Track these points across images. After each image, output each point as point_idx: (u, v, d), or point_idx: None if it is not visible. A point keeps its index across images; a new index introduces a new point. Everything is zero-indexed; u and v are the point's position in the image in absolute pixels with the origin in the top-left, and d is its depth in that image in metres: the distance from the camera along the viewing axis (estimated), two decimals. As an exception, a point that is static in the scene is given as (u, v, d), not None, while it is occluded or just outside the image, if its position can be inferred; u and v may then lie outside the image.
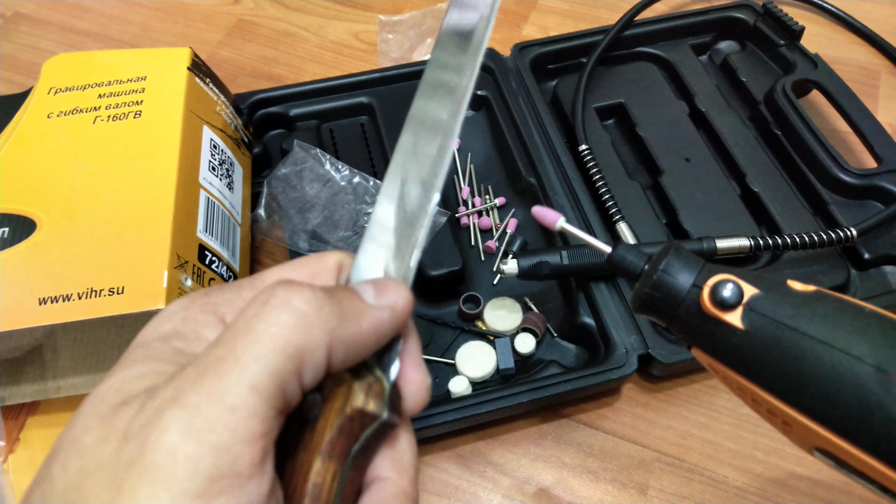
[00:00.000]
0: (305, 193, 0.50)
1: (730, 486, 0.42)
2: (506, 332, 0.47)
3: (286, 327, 0.18)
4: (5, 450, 0.43)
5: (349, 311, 0.20)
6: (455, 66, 0.27)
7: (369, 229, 0.24)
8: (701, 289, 0.24)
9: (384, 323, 0.21)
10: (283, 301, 0.18)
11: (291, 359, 0.18)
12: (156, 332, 0.20)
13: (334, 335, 0.19)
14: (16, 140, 0.43)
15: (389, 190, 0.24)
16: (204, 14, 0.71)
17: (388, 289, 0.21)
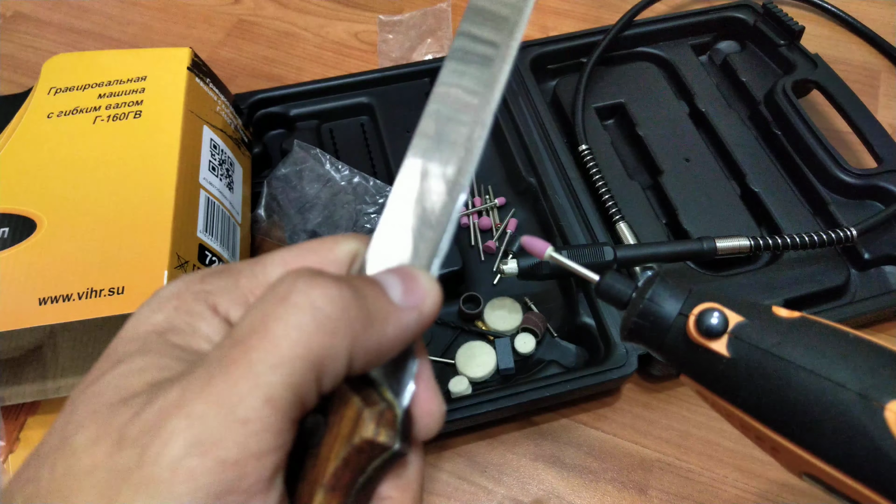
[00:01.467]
0: (305, 193, 0.50)
1: (730, 486, 0.42)
2: (506, 332, 0.47)
3: (307, 332, 0.16)
4: (5, 450, 0.42)
5: (375, 314, 0.17)
6: (489, 38, 0.23)
7: (383, 223, 0.21)
8: (687, 317, 0.25)
9: (410, 328, 0.18)
10: (304, 299, 0.16)
11: (312, 368, 0.16)
12: (148, 322, 0.18)
13: (357, 342, 0.17)
14: (16, 140, 0.43)
15: (405, 185, 0.21)
16: (204, 14, 0.71)
17: (418, 285, 0.19)
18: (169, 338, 0.18)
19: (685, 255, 0.45)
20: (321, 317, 0.16)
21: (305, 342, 0.16)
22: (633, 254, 0.45)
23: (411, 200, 0.21)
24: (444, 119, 0.23)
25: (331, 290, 0.17)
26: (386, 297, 0.18)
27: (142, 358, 0.17)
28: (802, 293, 0.46)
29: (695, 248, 0.44)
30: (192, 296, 0.18)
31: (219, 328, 0.18)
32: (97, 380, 0.17)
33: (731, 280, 0.47)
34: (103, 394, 0.16)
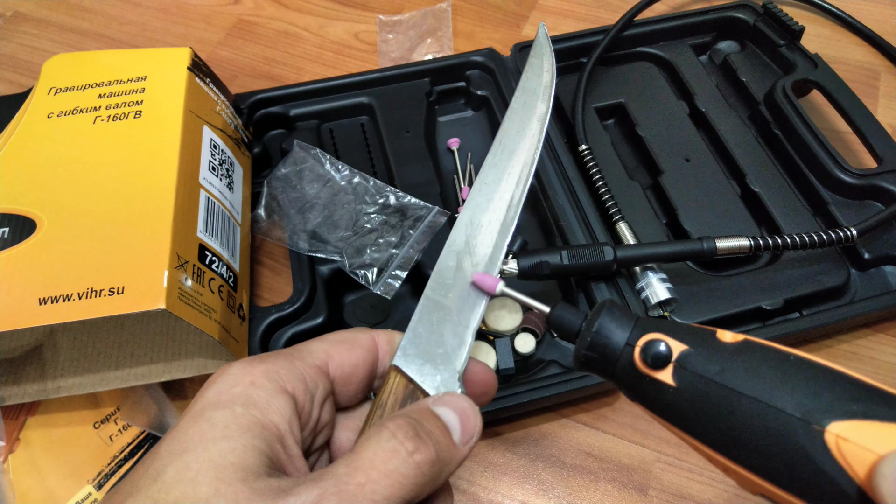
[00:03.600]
0: (305, 193, 0.50)
1: (730, 485, 0.42)
2: (506, 332, 0.47)
3: (409, 480, 0.22)
4: (5, 450, 0.43)
5: (446, 461, 0.24)
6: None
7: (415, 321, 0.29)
8: (633, 348, 0.25)
9: (463, 459, 0.25)
10: (411, 460, 0.23)
11: (405, 502, 0.22)
12: (230, 392, 0.23)
13: (433, 485, 0.24)
14: (16, 140, 0.43)
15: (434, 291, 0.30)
16: (204, 14, 0.71)
17: (471, 422, 0.25)
18: (253, 413, 0.23)
19: (685, 255, 0.45)
20: (419, 473, 0.23)
21: (406, 486, 0.22)
22: (633, 254, 0.45)
23: (440, 308, 0.29)
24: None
25: (428, 454, 0.23)
26: (452, 442, 0.25)
27: (241, 438, 0.22)
28: (802, 293, 0.46)
29: (695, 248, 0.44)
30: (261, 373, 0.24)
31: (287, 403, 0.24)
32: (204, 447, 0.22)
33: (731, 280, 0.47)
34: (223, 467, 0.21)
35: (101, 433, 0.44)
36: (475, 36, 0.68)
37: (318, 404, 0.26)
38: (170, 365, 0.42)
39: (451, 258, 0.31)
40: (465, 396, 0.27)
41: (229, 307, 0.42)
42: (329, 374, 0.26)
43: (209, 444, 0.22)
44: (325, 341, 0.27)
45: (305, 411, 0.25)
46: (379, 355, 0.28)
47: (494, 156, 0.34)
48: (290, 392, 0.24)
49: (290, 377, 0.24)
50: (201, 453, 0.22)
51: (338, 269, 0.48)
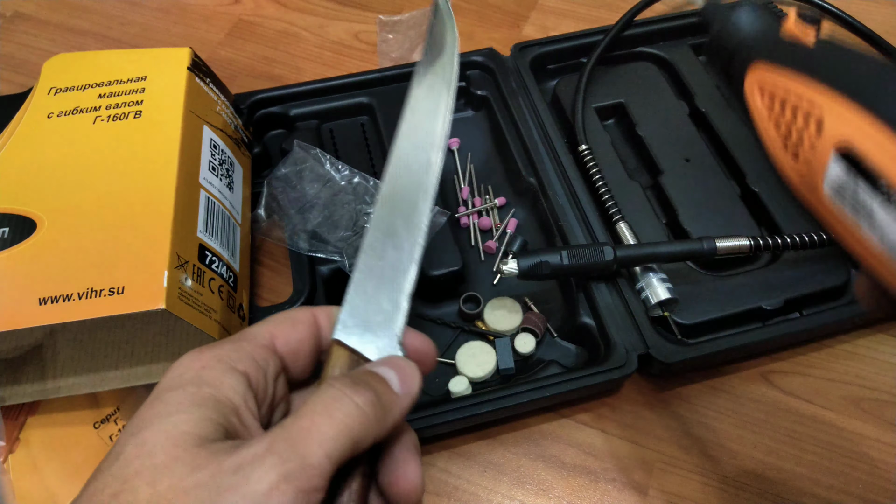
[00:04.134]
0: (305, 193, 0.50)
1: (730, 485, 0.42)
2: (506, 332, 0.47)
3: (354, 420, 0.24)
4: (5, 450, 0.42)
5: (388, 406, 0.26)
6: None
7: (350, 292, 0.30)
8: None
9: (406, 409, 0.27)
10: (351, 401, 0.24)
11: (352, 443, 0.24)
12: (182, 379, 0.25)
13: (378, 426, 0.25)
14: (16, 140, 0.43)
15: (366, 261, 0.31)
16: (204, 14, 0.71)
17: (409, 376, 0.27)
18: (205, 390, 0.24)
19: (685, 255, 0.45)
20: (361, 414, 0.24)
21: (351, 426, 0.24)
22: (633, 254, 0.45)
23: (373, 277, 0.30)
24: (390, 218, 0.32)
25: (367, 396, 0.25)
26: (391, 390, 0.26)
27: (195, 410, 0.23)
28: (802, 293, 0.46)
29: (695, 248, 0.44)
30: (210, 358, 0.25)
31: (240, 381, 0.25)
32: (160, 422, 0.23)
33: (731, 280, 0.47)
34: (179, 437, 0.22)
35: (101, 433, 0.44)
36: (475, 36, 0.68)
37: (272, 380, 0.27)
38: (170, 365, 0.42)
39: (379, 228, 0.32)
40: (404, 357, 0.29)
41: (229, 307, 0.42)
42: (277, 352, 0.28)
43: (164, 419, 0.23)
44: (267, 323, 0.28)
45: (260, 387, 0.26)
46: (321, 329, 0.29)
47: (407, 124, 0.35)
48: (242, 371, 0.25)
49: (239, 357, 0.26)
50: (156, 428, 0.23)
51: (338, 269, 0.48)
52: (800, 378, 0.46)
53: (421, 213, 0.32)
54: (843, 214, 0.23)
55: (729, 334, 0.44)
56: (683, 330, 0.45)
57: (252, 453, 0.22)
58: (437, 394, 0.45)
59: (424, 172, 0.33)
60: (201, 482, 0.21)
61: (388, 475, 0.27)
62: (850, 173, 0.22)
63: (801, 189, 0.26)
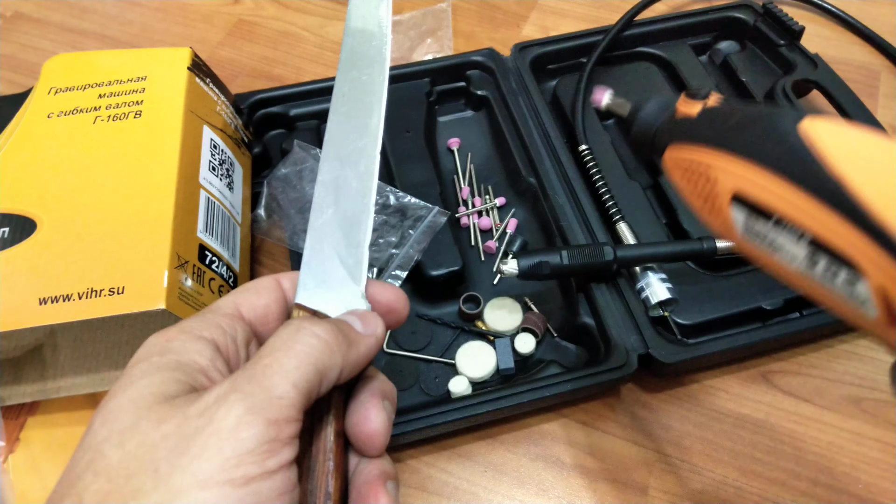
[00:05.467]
0: (305, 193, 0.50)
1: (730, 486, 0.42)
2: (506, 332, 0.47)
3: (315, 349, 0.24)
4: (5, 450, 0.43)
5: (352, 340, 0.26)
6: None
7: (305, 257, 0.29)
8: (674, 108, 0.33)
9: (372, 347, 0.27)
10: (310, 332, 0.24)
11: (317, 372, 0.24)
12: (148, 352, 0.25)
13: (343, 357, 0.25)
14: (16, 140, 0.43)
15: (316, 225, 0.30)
16: (204, 14, 0.71)
17: (371, 321, 0.28)
18: (170, 356, 0.24)
19: (685, 255, 0.45)
20: (322, 341, 0.24)
21: (315, 355, 0.24)
22: (633, 254, 0.45)
23: (328, 234, 0.30)
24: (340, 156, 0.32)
25: (326, 326, 0.25)
26: (354, 329, 0.27)
27: (158, 374, 0.23)
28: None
29: (695, 248, 0.44)
30: (175, 332, 0.25)
31: (207, 346, 0.25)
32: (124, 391, 0.23)
33: (731, 280, 0.47)
34: (142, 398, 0.22)
35: (101, 433, 0.44)
36: (475, 36, 0.68)
37: (243, 346, 0.27)
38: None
39: (327, 184, 0.31)
40: (366, 309, 0.28)
41: (229, 307, 0.42)
42: (244, 319, 0.28)
43: (127, 388, 0.23)
44: (231, 294, 0.28)
45: (231, 352, 0.26)
46: (286, 293, 0.29)
47: (343, 79, 0.33)
48: (208, 338, 0.25)
49: (204, 326, 0.26)
50: (121, 396, 0.23)
51: (338, 269, 0.48)
52: (800, 378, 0.46)
53: (371, 159, 0.31)
54: (758, 248, 0.27)
55: (729, 334, 0.44)
56: (683, 330, 0.45)
57: (215, 395, 0.22)
58: (437, 394, 0.45)
59: (368, 118, 0.31)
60: (168, 433, 0.21)
61: (351, 416, 0.27)
62: (747, 214, 0.26)
63: (727, 238, 0.29)
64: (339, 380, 0.25)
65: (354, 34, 0.34)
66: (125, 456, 0.21)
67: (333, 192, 0.30)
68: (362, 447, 0.27)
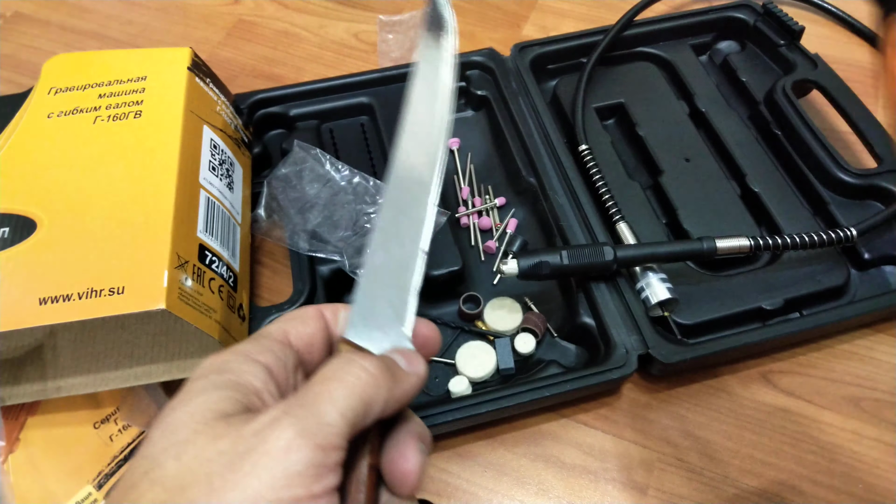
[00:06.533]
0: (305, 193, 0.50)
1: (730, 486, 0.42)
2: (506, 332, 0.47)
3: (363, 381, 0.25)
4: (5, 450, 0.42)
5: (397, 377, 0.27)
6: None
7: (358, 293, 0.30)
8: None
9: (415, 385, 0.28)
10: (359, 365, 0.26)
11: (364, 404, 0.25)
12: (206, 371, 0.26)
13: (388, 393, 0.26)
14: (16, 140, 0.43)
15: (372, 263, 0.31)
16: (204, 14, 0.71)
17: (415, 360, 0.28)
18: (227, 376, 0.25)
19: (685, 255, 0.45)
20: (370, 376, 0.26)
21: (363, 387, 0.25)
22: (633, 254, 0.45)
23: (379, 276, 0.31)
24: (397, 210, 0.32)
25: (374, 361, 0.26)
26: (399, 367, 0.28)
27: (216, 391, 0.25)
28: (802, 293, 0.46)
29: (695, 248, 0.44)
30: (229, 354, 0.26)
31: (261, 369, 0.26)
32: (184, 405, 0.24)
33: (731, 280, 0.47)
34: (200, 413, 0.24)
35: (101, 433, 0.44)
36: (475, 36, 0.68)
37: (292, 371, 0.28)
38: (170, 365, 0.42)
39: (384, 228, 0.32)
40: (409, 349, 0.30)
41: (229, 307, 0.42)
42: (293, 346, 0.29)
43: (187, 403, 0.24)
44: (278, 321, 0.29)
45: (281, 377, 0.27)
46: (328, 324, 0.30)
47: (407, 121, 0.34)
48: (262, 362, 0.26)
49: (259, 350, 0.27)
50: (180, 411, 0.24)
51: (338, 269, 0.48)
52: (800, 378, 0.46)
53: (424, 210, 0.32)
54: None
55: (729, 334, 0.44)
56: (683, 330, 0.45)
57: (269, 417, 0.23)
58: (437, 394, 0.45)
59: (426, 168, 0.33)
60: (223, 449, 0.22)
61: (388, 453, 0.27)
62: None
63: None
64: (382, 414, 0.26)
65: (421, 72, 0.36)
66: (181, 468, 0.22)
67: (388, 236, 0.31)
68: (396, 485, 0.27)
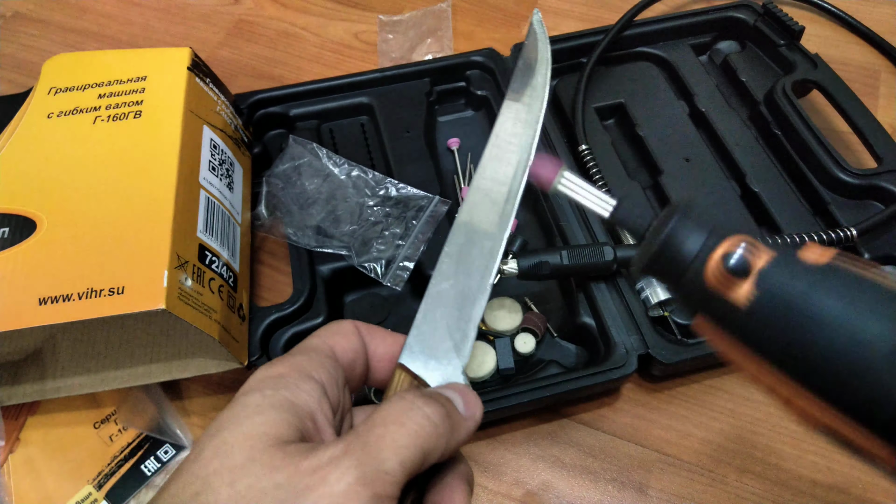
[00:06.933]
0: (305, 189, 0.50)
1: (730, 485, 0.42)
2: (506, 332, 0.47)
3: (425, 430, 0.24)
4: (5, 450, 0.43)
5: (455, 424, 0.26)
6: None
7: (421, 317, 0.30)
8: (709, 255, 0.23)
9: (470, 431, 0.27)
10: (423, 412, 0.25)
11: (423, 454, 0.24)
12: (261, 384, 0.25)
13: (446, 441, 0.25)
14: (16, 140, 0.43)
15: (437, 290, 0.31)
16: (204, 14, 0.71)
17: (472, 402, 0.28)
18: (283, 394, 0.25)
19: (685, 255, 0.45)
20: (432, 425, 0.25)
21: (424, 437, 0.24)
22: (633, 254, 0.45)
23: (443, 304, 0.30)
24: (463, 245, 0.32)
25: (437, 408, 0.25)
26: (457, 411, 0.27)
27: (272, 412, 0.24)
28: (802, 293, 0.46)
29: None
30: (288, 366, 0.26)
31: (316, 387, 0.26)
32: (238, 424, 0.23)
33: (731, 280, 0.47)
34: (256, 437, 0.23)
35: (101, 433, 0.44)
36: (475, 36, 0.68)
37: (342, 389, 0.28)
38: (170, 365, 0.42)
39: (452, 255, 0.31)
40: (467, 385, 0.29)
41: (229, 307, 0.42)
42: (339, 362, 0.28)
43: (242, 420, 0.23)
44: (321, 336, 0.29)
45: (334, 396, 0.27)
46: (364, 341, 0.30)
47: (492, 149, 0.34)
48: (317, 379, 0.26)
49: (314, 366, 0.26)
50: (235, 429, 0.23)
51: (338, 269, 0.48)
52: (800, 378, 0.46)
53: (497, 243, 0.32)
54: None
55: (729, 334, 0.44)
56: (683, 330, 0.45)
57: (329, 455, 0.23)
58: (437, 394, 0.45)
59: (504, 202, 0.33)
60: (279, 483, 0.22)
61: (436, 494, 0.27)
62: (834, 439, 0.22)
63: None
64: (437, 461, 0.26)
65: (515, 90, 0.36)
66: (234, 495, 0.22)
67: (456, 264, 0.31)
68: None
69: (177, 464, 0.43)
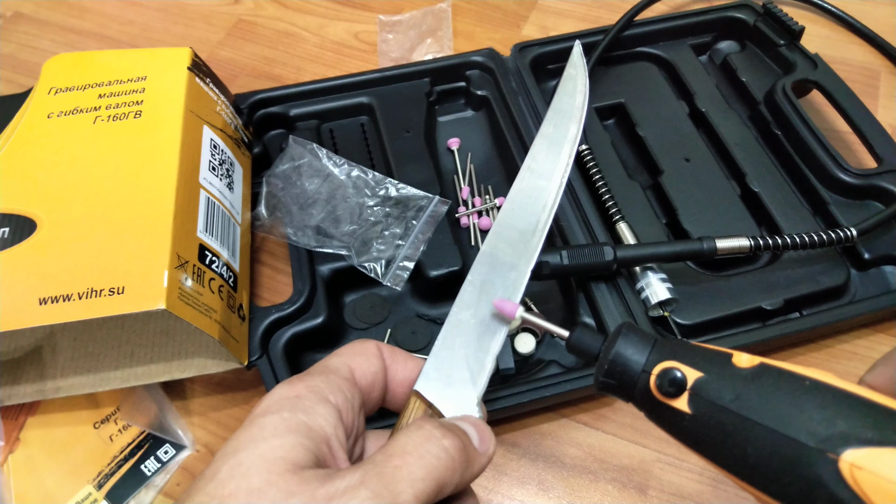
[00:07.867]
0: (305, 189, 0.50)
1: (730, 485, 0.42)
2: (506, 332, 0.47)
3: (442, 463, 0.25)
4: (5, 450, 0.43)
5: (470, 458, 0.26)
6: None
7: (440, 345, 0.30)
8: (650, 375, 0.26)
9: (484, 466, 0.27)
10: (440, 445, 0.25)
11: (438, 487, 0.24)
12: (277, 405, 0.25)
13: (460, 478, 0.26)
14: (16, 140, 0.43)
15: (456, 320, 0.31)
16: (204, 14, 0.71)
17: (487, 438, 0.28)
18: (299, 417, 0.25)
19: (685, 255, 0.45)
20: (449, 458, 0.25)
21: (441, 470, 0.25)
22: (633, 254, 0.45)
23: (462, 333, 0.30)
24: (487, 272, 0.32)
25: (454, 441, 0.25)
26: (472, 445, 0.27)
27: (289, 436, 0.24)
28: (802, 293, 0.46)
29: (695, 248, 0.44)
30: (305, 388, 0.26)
31: (332, 412, 0.26)
32: (255, 445, 0.24)
33: (731, 280, 0.47)
34: (273, 461, 0.23)
35: (101, 433, 0.44)
36: (475, 36, 0.68)
37: (358, 413, 0.28)
38: (170, 365, 0.42)
39: (475, 284, 0.31)
40: (481, 419, 0.29)
41: (229, 307, 0.42)
42: (357, 384, 0.28)
43: (260, 442, 0.24)
44: (342, 356, 0.29)
45: (349, 420, 0.27)
46: (386, 364, 0.30)
47: (522, 181, 0.34)
48: (334, 403, 0.26)
49: (331, 389, 0.26)
50: (252, 451, 0.23)
51: (338, 269, 0.48)
52: (800, 378, 0.46)
53: (521, 275, 0.32)
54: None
55: (729, 334, 0.44)
56: (683, 330, 0.45)
57: (345, 484, 0.23)
58: (437, 394, 0.45)
59: (531, 234, 0.33)
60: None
61: None
62: None
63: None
64: (449, 495, 0.26)
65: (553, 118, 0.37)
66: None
67: (479, 294, 0.31)
68: None
69: (177, 464, 0.43)
